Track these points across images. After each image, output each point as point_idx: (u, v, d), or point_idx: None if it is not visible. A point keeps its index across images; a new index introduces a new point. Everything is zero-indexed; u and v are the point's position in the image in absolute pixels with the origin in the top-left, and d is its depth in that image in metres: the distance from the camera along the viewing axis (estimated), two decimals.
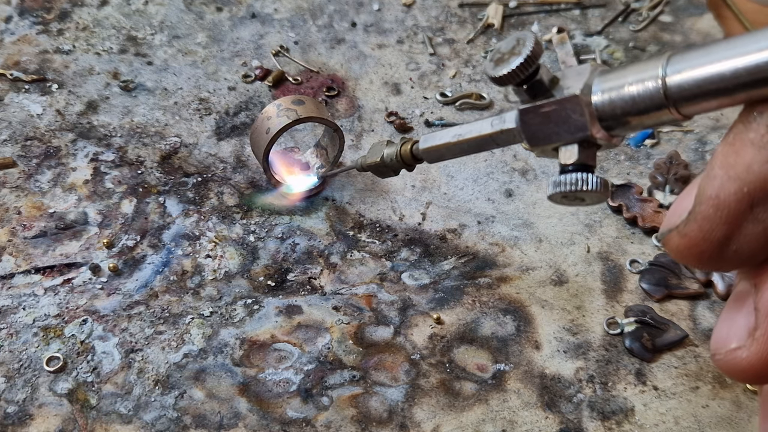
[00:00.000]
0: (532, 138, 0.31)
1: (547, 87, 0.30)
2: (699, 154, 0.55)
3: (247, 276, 0.47)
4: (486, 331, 0.45)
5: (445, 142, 0.37)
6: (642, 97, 0.26)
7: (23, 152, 0.53)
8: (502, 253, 0.49)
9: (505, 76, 0.30)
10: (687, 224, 0.22)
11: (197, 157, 0.54)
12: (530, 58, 0.29)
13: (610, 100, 0.28)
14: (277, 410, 0.41)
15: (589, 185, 0.29)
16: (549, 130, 0.30)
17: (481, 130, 0.35)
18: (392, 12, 0.66)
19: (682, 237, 0.22)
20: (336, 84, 0.60)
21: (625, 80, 0.27)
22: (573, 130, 0.29)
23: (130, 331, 0.44)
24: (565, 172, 0.30)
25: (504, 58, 0.30)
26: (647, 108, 0.26)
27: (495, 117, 0.34)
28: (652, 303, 0.47)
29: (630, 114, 0.27)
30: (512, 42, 0.30)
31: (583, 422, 0.41)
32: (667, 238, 0.23)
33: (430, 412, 0.41)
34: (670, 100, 0.25)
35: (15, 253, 0.47)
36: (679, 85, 0.25)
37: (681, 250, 0.23)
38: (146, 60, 0.60)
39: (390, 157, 0.42)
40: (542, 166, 0.54)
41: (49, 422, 0.40)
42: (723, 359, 0.22)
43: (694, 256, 0.23)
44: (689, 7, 0.67)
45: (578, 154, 0.30)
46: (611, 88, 0.27)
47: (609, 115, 0.28)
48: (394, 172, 0.43)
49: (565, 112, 0.29)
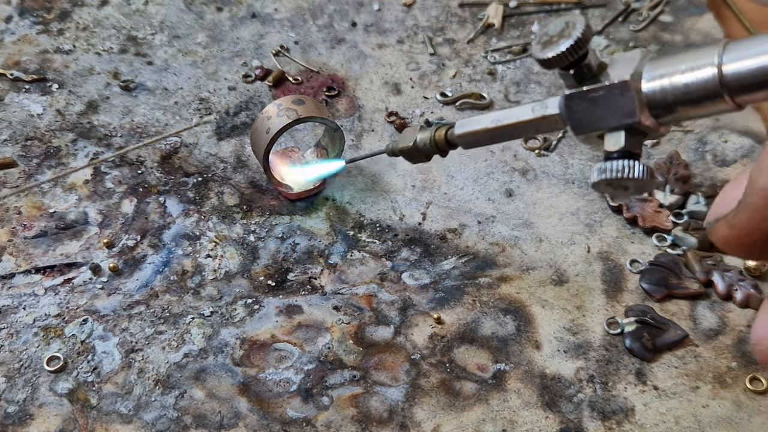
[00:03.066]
0: (578, 124, 0.31)
1: (594, 72, 0.29)
2: (699, 154, 0.55)
3: (248, 276, 0.47)
4: (486, 331, 0.45)
5: (483, 127, 0.36)
6: (696, 85, 0.25)
7: (23, 152, 0.53)
8: (502, 252, 0.49)
9: (554, 58, 0.29)
10: (737, 214, 0.22)
11: (197, 157, 0.54)
12: (580, 41, 0.28)
13: (661, 88, 0.27)
14: (277, 410, 0.41)
15: (635, 173, 0.29)
16: (596, 115, 0.29)
17: (520, 115, 0.34)
18: (392, 12, 0.66)
19: (731, 227, 0.22)
20: (336, 84, 0.60)
21: (677, 68, 0.26)
22: (621, 116, 0.28)
23: (131, 331, 0.44)
24: (609, 158, 0.29)
25: (553, 40, 0.29)
26: (701, 97, 0.26)
27: (536, 103, 0.33)
28: (652, 303, 0.47)
29: (681, 102, 0.26)
30: (561, 24, 0.29)
31: (583, 422, 0.41)
32: (715, 227, 0.23)
33: (430, 412, 0.41)
34: (726, 89, 0.25)
35: (15, 253, 0.47)
36: (735, 74, 0.24)
37: (729, 240, 0.22)
38: (146, 60, 0.60)
39: (423, 142, 0.41)
40: (542, 166, 0.54)
41: (49, 422, 0.40)
42: (765, 350, 0.22)
43: (742, 247, 0.22)
44: (689, 7, 0.67)
45: (625, 141, 0.29)
46: (663, 75, 0.27)
47: (660, 103, 0.27)
48: (426, 158, 0.42)
49: (614, 98, 0.28)
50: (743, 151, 0.55)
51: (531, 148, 0.55)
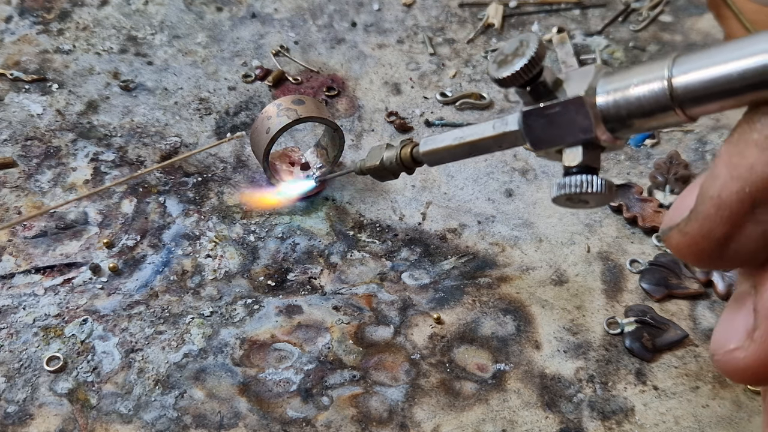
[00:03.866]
0: (536, 140, 0.31)
1: (550, 89, 0.30)
2: (699, 154, 0.55)
3: (247, 276, 0.47)
4: (486, 331, 0.45)
5: (446, 145, 0.36)
6: (647, 98, 0.26)
7: (23, 152, 0.53)
8: (502, 252, 0.49)
9: (509, 77, 0.29)
10: (688, 223, 0.22)
11: (197, 157, 0.54)
12: (534, 59, 0.29)
13: (614, 102, 0.27)
14: (277, 410, 0.41)
15: (593, 187, 0.29)
16: (553, 132, 0.30)
17: (482, 132, 0.34)
18: (392, 12, 0.66)
19: (683, 235, 0.22)
20: (336, 84, 0.60)
21: (630, 81, 0.26)
22: (577, 132, 0.29)
23: (131, 331, 0.44)
24: (569, 174, 0.30)
25: (507, 59, 0.29)
26: (653, 110, 0.26)
27: (497, 120, 0.34)
28: (652, 303, 0.47)
29: (635, 116, 0.27)
30: (515, 43, 0.30)
31: (583, 422, 0.41)
32: (669, 235, 0.23)
33: (430, 412, 0.41)
34: (676, 102, 0.25)
35: (15, 253, 0.47)
36: (685, 87, 0.24)
37: (681, 248, 0.23)
38: (146, 60, 0.60)
39: (390, 160, 0.41)
40: (542, 165, 0.54)
41: (49, 422, 0.40)
42: (722, 360, 0.22)
43: (693, 255, 0.23)
44: (689, 7, 0.67)
45: (582, 156, 0.29)
46: (616, 89, 0.27)
47: (614, 117, 0.27)
48: (394, 176, 0.42)
49: (570, 114, 0.29)
50: None
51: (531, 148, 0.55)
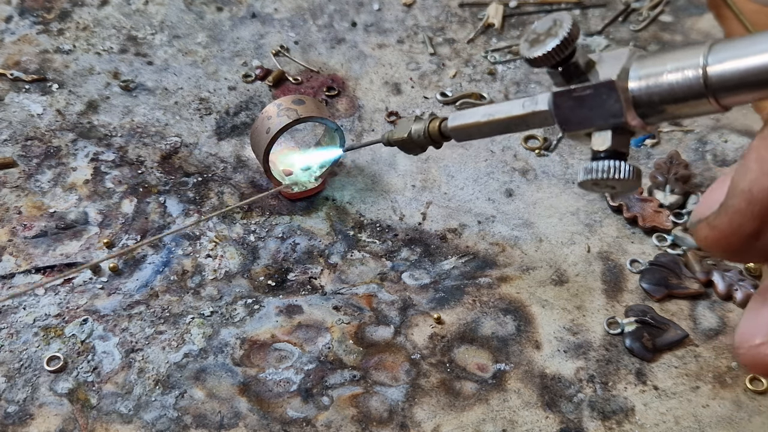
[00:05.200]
0: (565, 122, 0.31)
1: (582, 70, 0.29)
2: (699, 154, 0.55)
3: (248, 276, 0.47)
4: (486, 331, 0.45)
5: (475, 121, 0.36)
6: (681, 85, 0.25)
7: (23, 152, 0.53)
8: (502, 252, 0.49)
9: (541, 57, 0.29)
10: (718, 216, 0.22)
11: (197, 157, 0.54)
12: (567, 39, 0.28)
13: (647, 87, 0.27)
14: (277, 410, 0.41)
15: (621, 173, 0.29)
16: (582, 114, 0.29)
17: (512, 110, 0.34)
18: (392, 12, 0.66)
19: (712, 229, 0.22)
20: (336, 84, 0.60)
21: (663, 67, 0.26)
22: (607, 116, 0.28)
23: (131, 331, 0.44)
24: (597, 158, 0.29)
25: (540, 39, 0.29)
26: (685, 97, 0.25)
27: (527, 98, 0.33)
28: (652, 303, 0.47)
29: (667, 102, 0.26)
30: (549, 23, 0.29)
31: (583, 422, 0.41)
32: (697, 228, 0.23)
33: (430, 412, 0.41)
34: (710, 90, 0.24)
35: (15, 253, 0.47)
36: (720, 75, 0.24)
37: (710, 242, 0.23)
38: (146, 60, 0.60)
39: (417, 133, 0.41)
40: (542, 166, 0.54)
41: (49, 422, 0.40)
42: (747, 354, 0.22)
43: (722, 248, 0.23)
44: (689, 7, 0.67)
45: (611, 140, 0.29)
46: (649, 74, 0.27)
47: (645, 102, 0.27)
48: (421, 149, 0.42)
49: (601, 97, 0.28)
50: (743, 150, 0.55)
51: (531, 148, 0.55)
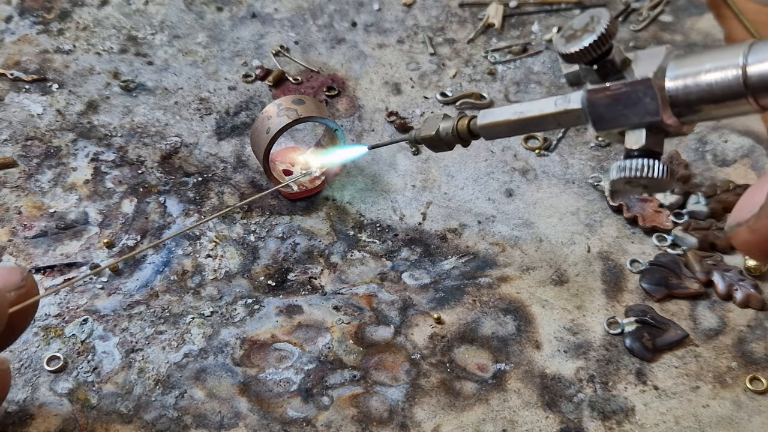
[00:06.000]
0: (599, 120, 0.30)
1: (618, 68, 0.29)
2: (699, 154, 0.55)
3: (248, 276, 0.47)
4: (486, 331, 0.45)
5: (505, 119, 0.36)
6: (720, 85, 0.25)
7: (24, 152, 0.53)
8: (502, 252, 0.49)
9: (577, 53, 0.28)
10: (759, 219, 0.22)
11: (198, 157, 0.54)
12: (604, 36, 0.28)
13: (684, 86, 0.27)
14: (277, 410, 0.41)
15: (655, 172, 0.28)
16: (617, 112, 0.29)
17: (543, 108, 0.34)
18: (392, 12, 0.66)
19: (752, 232, 0.22)
20: (336, 84, 0.60)
21: (702, 67, 0.26)
22: (643, 114, 0.28)
23: (131, 331, 0.44)
24: (630, 156, 0.29)
25: (576, 34, 0.28)
26: (724, 96, 0.25)
27: (559, 97, 0.33)
28: (652, 303, 0.47)
29: (705, 101, 0.26)
30: (586, 19, 0.29)
31: (583, 422, 0.41)
32: (736, 232, 0.23)
33: (430, 412, 0.41)
34: (750, 90, 0.24)
35: (15, 253, 0.47)
36: (760, 75, 0.24)
37: (750, 245, 0.22)
38: (146, 60, 0.60)
39: (446, 131, 0.40)
40: (542, 165, 0.54)
41: (49, 422, 0.40)
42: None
43: (763, 252, 0.22)
44: (689, 6, 0.67)
45: (646, 139, 0.29)
46: (687, 74, 0.26)
47: (682, 102, 0.27)
48: (449, 147, 0.42)
49: (637, 95, 0.28)
50: (743, 151, 0.55)
51: (531, 148, 0.55)
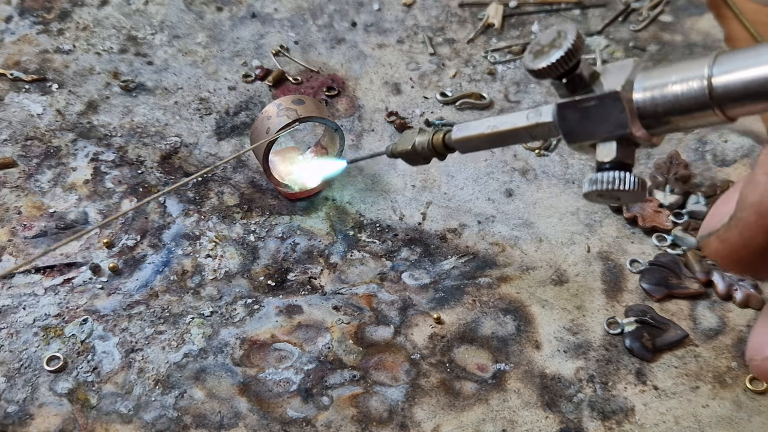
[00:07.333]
0: (570, 133, 0.31)
1: (587, 81, 0.29)
2: (699, 154, 0.55)
3: (248, 276, 0.47)
4: (486, 331, 0.45)
5: (479, 133, 0.36)
6: (686, 96, 0.25)
7: (23, 152, 0.53)
8: (502, 252, 0.49)
9: (545, 69, 0.29)
10: (728, 230, 0.22)
11: (197, 157, 0.54)
12: (571, 51, 0.28)
13: (652, 98, 0.27)
14: (277, 410, 0.41)
15: (626, 185, 0.29)
16: (587, 125, 0.29)
17: (516, 122, 0.34)
18: (392, 12, 0.66)
19: (722, 242, 0.22)
20: (336, 84, 0.60)
21: (668, 79, 0.26)
22: (612, 127, 0.28)
23: (131, 331, 0.44)
24: (601, 169, 0.29)
25: (544, 50, 0.29)
26: (691, 108, 0.25)
27: (531, 110, 0.33)
28: (652, 303, 0.47)
29: (672, 113, 0.26)
30: (553, 34, 0.29)
31: (583, 422, 0.41)
32: (706, 242, 0.23)
33: (430, 412, 0.41)
34: (715, 101, 0.24)
35: (15, 253, 0.47)
36: (725, 86, 0.24)
37: (720, 255, 0.23)
38: (146, 60, 0.60)
39: (422, 145, 0.41)
40: (542, 165, 0.54)
41: (49, 422, 0.40)
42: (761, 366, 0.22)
43: (733, 262, 0.22)
44: (689, 7, 0.67)
45: (616, 151, 0.29)
46: (654, 86, 0.27)
47: (650, 114, 0.27)
48: (425, 161, 0.42)
49: (605, 108, 0.28)
50: (743, 151, 0.55)
51: (531, 148, 0.55)
